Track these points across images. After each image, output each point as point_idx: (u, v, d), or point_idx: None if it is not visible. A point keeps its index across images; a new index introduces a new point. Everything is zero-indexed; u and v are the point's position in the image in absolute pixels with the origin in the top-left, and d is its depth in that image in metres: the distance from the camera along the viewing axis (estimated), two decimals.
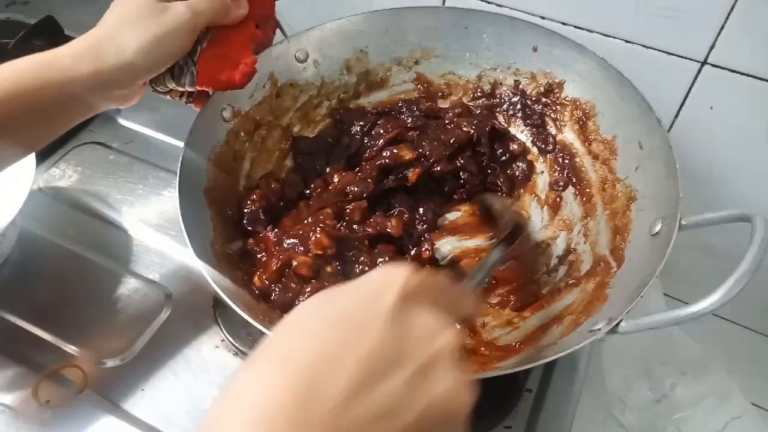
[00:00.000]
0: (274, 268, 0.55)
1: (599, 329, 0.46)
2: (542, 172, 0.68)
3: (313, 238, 0.56)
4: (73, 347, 0.61)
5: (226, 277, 0.52)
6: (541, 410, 0.57)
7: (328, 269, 0.55)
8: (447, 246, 0.65)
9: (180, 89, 0.55)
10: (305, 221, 0.59)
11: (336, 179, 0.64)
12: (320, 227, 0.57)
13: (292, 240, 0.57)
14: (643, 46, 0.67)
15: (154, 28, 0.49)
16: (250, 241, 0.59)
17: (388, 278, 0.30)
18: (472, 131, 0.66)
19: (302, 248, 0.56)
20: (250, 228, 0.60)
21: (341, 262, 0.57)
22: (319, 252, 0.55)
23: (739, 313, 0.85)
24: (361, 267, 0.57)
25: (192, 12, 0.51)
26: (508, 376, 0.56)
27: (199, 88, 0.55)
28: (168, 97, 0.57)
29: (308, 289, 0.54)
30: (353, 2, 0.74)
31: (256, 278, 0.56)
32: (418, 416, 0.27)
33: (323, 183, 0.65)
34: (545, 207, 0.66)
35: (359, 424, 0.26)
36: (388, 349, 0.27)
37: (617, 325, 0.46)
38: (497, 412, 0.57)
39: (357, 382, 0.26)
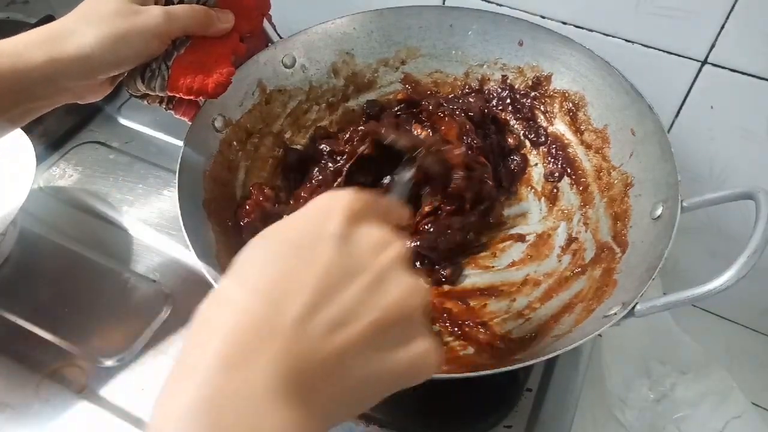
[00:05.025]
0: None
1: (614, 314, 0.46)
2: (536, 164, 0.68)
3: None
4: (73, 347, 0.61)
5: None
6: (541, 410, 0.57)
7: None
8: None
9: (151, 93, 0.54)
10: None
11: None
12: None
13: None
14: (643, 45, 0.67)
15: (119, 26, 0.49)
16: None
17: (331, 203, 0.31)
18: (480, 107, 0.66)
19: None
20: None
21: None
22: None
23: (739, 313, 0.85)
24: None
25: (166, 17, 0.50)
26: (509, 375, 0.56)
27: (170, 94, 0.54)
28: (145, 102, 0.56)
29: None
30: (354, 2, 0.74)
31: None
32: (377, 318, 0.29)
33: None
34: (542, 198, 0.66)
35: (320, 331, 0.27)
36: (342, 265, 0.29)
37: (633, 308, 0.46)
38: (497, 411, 0.57)
39: (315, 297, 0.28)
